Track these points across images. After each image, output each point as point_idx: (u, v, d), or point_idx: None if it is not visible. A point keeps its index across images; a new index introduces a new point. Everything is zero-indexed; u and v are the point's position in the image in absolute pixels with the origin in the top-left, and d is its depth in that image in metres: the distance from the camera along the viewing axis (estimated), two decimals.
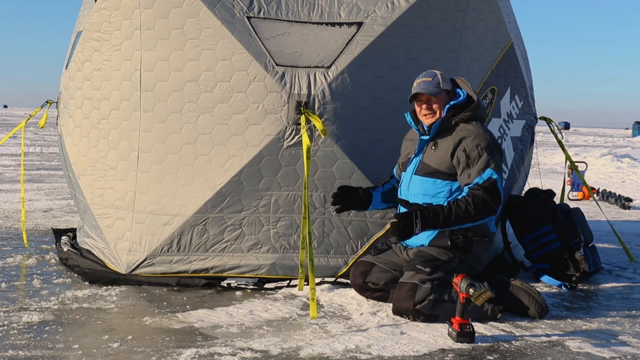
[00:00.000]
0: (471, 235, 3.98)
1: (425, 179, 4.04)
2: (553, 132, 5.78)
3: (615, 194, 10.04)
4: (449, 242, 3.94)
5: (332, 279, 4.50)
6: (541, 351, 3.44)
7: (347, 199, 4.22)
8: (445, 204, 3.81)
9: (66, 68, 5.26)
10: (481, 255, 4.06)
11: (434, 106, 4.07)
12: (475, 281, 3.51)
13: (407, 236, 3.80)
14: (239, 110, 4.36)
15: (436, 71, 4.15)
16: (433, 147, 4.06)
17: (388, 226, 4.42)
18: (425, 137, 4.10)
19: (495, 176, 3.86)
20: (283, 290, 4.37)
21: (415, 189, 4.07)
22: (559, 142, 5.80)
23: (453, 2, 4.71)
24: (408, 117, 4.18)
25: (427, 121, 4.10)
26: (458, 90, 4.16)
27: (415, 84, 4.12)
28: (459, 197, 3.87)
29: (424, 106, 4.09)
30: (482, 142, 3.93)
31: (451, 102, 4.07)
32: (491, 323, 3.83)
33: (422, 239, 4.04)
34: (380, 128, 4.46)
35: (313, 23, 4.44)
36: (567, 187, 10.08)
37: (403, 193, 4.17)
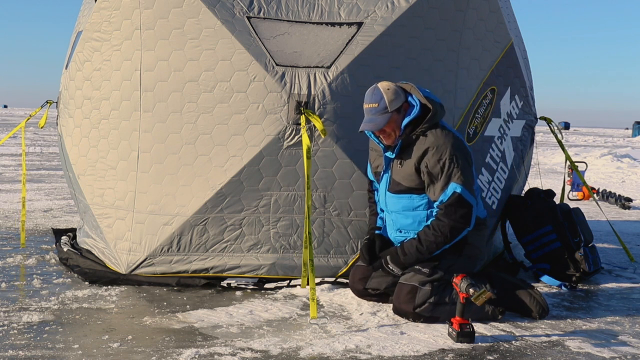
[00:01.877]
0: None
1: (400, 196, 3.99)
2: (553, 132, 5.78)
3: (615, 194, 10.04)
4: None
5: (332, 279, 4.50)
6: (541, 351, 3.44)
7: (373, 255, 4.15)
8: (416, 236, 3.88)
9: (66, 68, 5.26)
10: (478, 243, 4.02)
11: (387, 131, 3.93)
12: (476, 281, 3.51)
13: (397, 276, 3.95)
14: (239, 110, 4.36)
15: (382, 89, 3.90)
16: (399, 165, 3.97)
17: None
18: (391, 155, 4.00)
19: (459, 189, 3.80)
20: (283, 290, 4.37)
21: (393, 206, 4.04)
22: (559, 142, 5.80)
23: (453, 2, 4.70)
24: (370, 134, 4.06)
25: (386, 142, 3.99)
26: (410, 99, 3.97)
27: (364, 109, 3.95)
28: (428, 222, 3.88)
29: (376, 132, 3.97)
30: (443, 154, 3.82)
31: (406, 120, 3.90)
32: (491, 323, 3.83)
33: None
34: None
35: (313, 23, 4.44)
36: (567, 187, 10.07)
37: (383, 207, 4.16)
